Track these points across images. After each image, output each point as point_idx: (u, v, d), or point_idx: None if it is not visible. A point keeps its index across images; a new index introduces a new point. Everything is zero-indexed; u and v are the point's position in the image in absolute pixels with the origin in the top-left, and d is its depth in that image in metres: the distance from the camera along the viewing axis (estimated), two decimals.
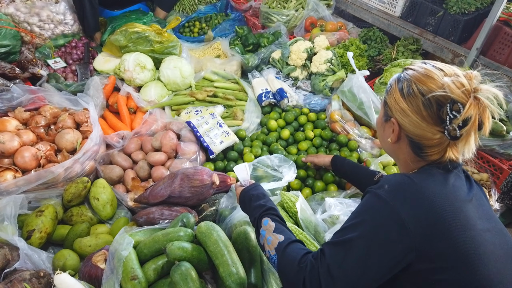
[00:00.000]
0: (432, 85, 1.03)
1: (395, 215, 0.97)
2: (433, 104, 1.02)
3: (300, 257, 1.09)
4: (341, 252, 1.01)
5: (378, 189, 1.04)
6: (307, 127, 2.55)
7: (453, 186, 1.04)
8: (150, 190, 1.89)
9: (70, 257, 1.67)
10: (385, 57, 2.90)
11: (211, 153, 2.22)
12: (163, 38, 2.73)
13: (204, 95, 2.60)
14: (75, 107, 2.28)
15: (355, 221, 1.04)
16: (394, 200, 0.99)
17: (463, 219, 0.98)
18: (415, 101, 1.05)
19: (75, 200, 1.91)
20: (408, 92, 1.07)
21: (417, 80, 1.06)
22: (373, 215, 1.01)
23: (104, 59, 2.75)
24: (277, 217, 1.30)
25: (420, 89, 1.04)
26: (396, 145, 1.17)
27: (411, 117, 1.06)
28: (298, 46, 2.88)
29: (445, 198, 1.00)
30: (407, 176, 1.05)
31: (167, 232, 1.55)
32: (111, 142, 2.23)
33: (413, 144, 1.11)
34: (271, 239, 1.21)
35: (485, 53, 2.61)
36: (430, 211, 0.97)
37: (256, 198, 1.39)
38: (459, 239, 0.97)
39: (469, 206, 1.02)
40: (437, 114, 1.02)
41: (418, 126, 1.06)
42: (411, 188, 1.01)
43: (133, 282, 1.39)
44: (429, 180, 1.04)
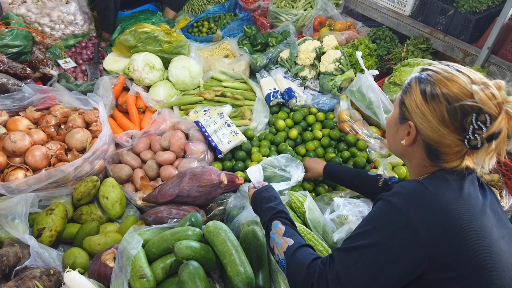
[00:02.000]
0: (458, 91, 0.98)
1: (408, 224, 0.95)
2: (458, 112, 0.98)
3: (309, 262, 1.08)
4: (351, 259, 0.99)
5: (391, 196, 1.01)
6: (315, 127, 2.54)
7: (468, 194, 1.00)
8: (158, 189, 1.89)
9: (79, 255, 1.69)
10: (394, 56, 2.87)
11: (219, 152, 2.22)
12: (172, 38, 2.74)
13: (213, 95, 2.60)
14: (85, 106, 2.30)
15: (366, 228, 1.01)
16: (408, 208, 0.96)
17: (479, 228, 0.96)
18: (438, 106, 1.01)
19: (84, 199, 1.93)
20: (431, 95, 1.02)
21: (442, 83, 1.01)
22: (386, 223, 0.98)
23: (113, 59, 2.77)
24: (288, 220, 1.29)
25: (445, 94, 1.00)
26: (409, 148, 1.13)
27: (432, 122, 1.02)
28: (307, 45, 2.87)
29: (460, 207, 0.97)
30: (421, 184, 1.01)
31: (176, 231, 1.56)
32: (120, 141, 2.24)
33: (429, 150, 1.07)
34: (281, 242, 1.21)
35: (497, 52, 2.57)
36: (445, 220, 0.95)
37: (267, 200, 1.39)
38: (475, 249, 0.94)
39: (484, 214, 0.99)
40: (460, 122, 0.98)
41: (437, 132, 1.02)
42: (426, 196, 0.98)
43: (142, 280, 1.39)
44: (444, 187, 1.01)
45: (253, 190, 1.50)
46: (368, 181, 1.71)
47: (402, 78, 2.57)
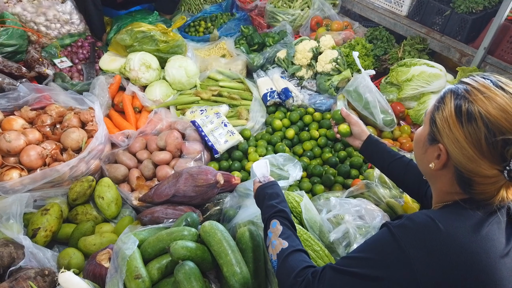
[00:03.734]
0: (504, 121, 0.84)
1: (407, 264, 0.87)
2: (499, 142, 0.84)
3: (298, 270, 1.06)
4: (341, 282, 0.96)
5: (397, 228, 0.92)
6: (312, 126, 2.54)
7: (487, 237, 0.87)
8: (154, 189, 1.89)
9: (74, 256, 1.68)
10: (391, 56, 2.87)
11: (215, 152, 2.22)
12: (169, 38, 2.73)
13: (209, 95, 2.60)
14: (80, 106, 2.29)
15: (364, 255, 0.96)
16: (411, 248, 0.88)
17: (491, 279, 0.84)
18: (475, 132, 0.87)
19: (80, 199, 1.92)
20: (468, 119, 0.88)
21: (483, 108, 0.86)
22: (384, 258, 0.91)
23: (109, 58, 2.76)
24: (287, 221, 1.27)
25: (485, 120, 0.85)
26: (438, 173, 1.00)
27: (466, 149, 0.89)
28: (304, 45, 2.87)
29: (473, 255, 0.85)
30: (432, 220, 0.89)
31: (171, 231, 1.55)
32: (116, 141, 2.23)
33: (461, 178, 0.94)
34: (276, 243, 1.19)
35: (493, 52, 2.57)
36: (451, 268, 0.85)
37: (270, 197, 1.36)
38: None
39: (503, 261, 0.86)
40: (500, 152, 0.85)
41: (472, 160, 0.89)
42: (434, 237, 0.87)
43: (137, 281, 1.38)
44: (459, 227, 0.88)
45: (258, 185, 1.47)
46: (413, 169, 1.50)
47: (398, 78, 2.57)
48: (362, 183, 1.95)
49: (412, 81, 2.52)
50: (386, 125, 2.43)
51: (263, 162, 1.60)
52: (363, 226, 1.67)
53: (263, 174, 1.56)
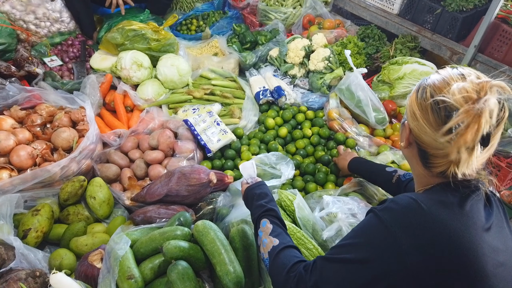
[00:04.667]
0: (445, 90, 0.95)
1: (393, 242, 0.91)
2: (441, 110, 0.93)
3: (290, 266, 1.07)
4: (333, 270, 0.98)
5: (382, 211, 0.97)
6: (305, 125, 2.54)
7: (468, 215, 0.93)
8: (147, 189, 1.88)
9: (66, 257, 1.66)
10: (383, 54, 2.89)
11: (208, 151, 2.21)
12: (160, 36, 2.71)
13: (202, 93, 2.59)
14: (71, 105, 2.26)
15: (352, 241, 0.99)
16: (395, 227, 0.92)
17: (473, 254, 0.88)
18: (425, 105, 0.98)
19: (71, 199, 1.90)
20: (421, 95, 1.00)
21: (434, 84, 0.98)
22: (372, 240, 0.95)
23: (100, 57, 2.74)
24: (277, 219, 1.28)
25: (432, 93, 0.97)
26: (408, 151, 1.10)
27: (420, 122, 0.99)
28: (296, 44, 2.87)
29: (455, 230, 0.90)
30: (415, 201, 0.95)
31: (164, 231, 1.54)
32: (107, 140, 2.21)
33: (420, 152, 1.03)
34: (266, 241, 1.20)
35: (483, 50, 2.60)
36: (435, 244, 0.89)
37: (259, 197, 1.38)
38: (465, 275, 0.88)
39: (484, 238, 0.91)
40: (444, 122, 0.93)
41: (425, 132, 0.98)
42: (418, 216, 0.92)
43: (130, 281, 1.38)
44: (441, 206, 0.94)
45: (246, 186, 1.49)
46: (384, 177, 1.68)
47: (390, 76, 2.58)
48: (355, 181, 1.96)
49: (404, 79, 2.53)
50: (378, 123, 2.44)
51: (249, 163, 1.61)
52: (356, 223, 1.67)
53: (250, 175, 1.56)
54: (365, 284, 0.93)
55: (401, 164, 2.13)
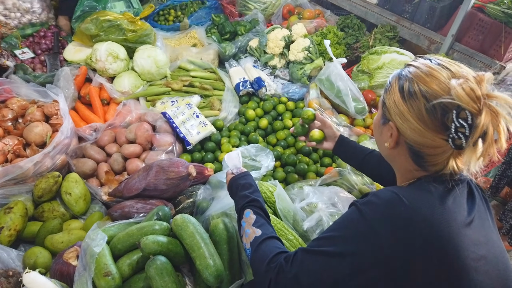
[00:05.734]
0: (437, 87, 0.91)
1: (373, 238, 0.90)
2: (437, 110, 0.90)
3: (271, 257, 1.06)
4: (313, 262, 0.97)
5: (364, 205, 0.95)
6: (285, 116, 2.52)
7: (450, 209, 0.91)
8: (124, 183, 1.83)
9: (41, 255, 1.62)
10: (362, 44, 2.89)
11: (187, 144, 2.17)
12: (136, 27, 2.64)
13: (180, 85, 2.54)
14: (44, 99, 2.19)
15: (334, 234, 0.97)
16: (376, 222, 0.91)
17: (454, 249, 0.87)
18: (416, 104, 0.93)
19: (46, 196, 1.84)
20: (409, 93, 0.95)
21: (420, 80, 0.94)
22: (352, 234, 0.94)
23: (74, 48, 2.65)
24: (261, 210, 1.27)
25: (422, 90, 0.92)
26: (394, 150, 1.06)
27: (411, 122, 0.95)
28: (276, 34, 2.85)
29: (436, 226, 0.88)
30: (397, 195, 0.93)
31: (142, 226, 1.51)
32: (83, 134, 2.15)
33: (413, 152, 0.99)
34: (249, 232, 1.19)
35: (460, 39, 2.62)
36: (416, 239, 0.88)
37: (243, 188, 1.37)
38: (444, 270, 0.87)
39: (465, 232, 0.90)
40: (441, 121, 0.90)
41: (419, 133, 0.94)
42: (399, 210, 0.90)
43: (107, 278, 1.34)
44: (422, 200, 0.92)
45: (231, 176, 1.47)
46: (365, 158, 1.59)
47: (370, 66, 2.58)
48: (335, 171, 1.96)
49: (383, 68, 2.54)
50: (358, 113, 2.45)
51: (235, 153, 1.60)
52: (336, 213, 1.68)
53: (235, 165, 1.56)
54: (344, 277, 0.93)
55: None
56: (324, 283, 0.94)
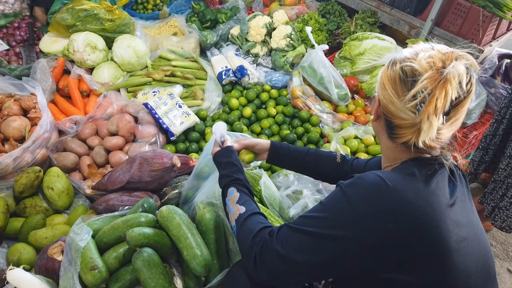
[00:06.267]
0: (412, 58, 0.95)
1: (357, 221, 0.91)
2: (408, 80, 0.93)
3: (256, 232, 1.08)
4: (297, 240, 0.98)
5: (348, 186, 0.96)
6: (269, 104, 2.52)
7: (433, 192, 0.93)
8: (108, 176, 1.81)
9: (25, 251, 1.59)
10: (344, 31, 2.89)
11: (171, 135, 2.15)
12: (114, 16, 2.58)
13: (162, 75, 2.50)
14: (21, 92, 2.13)
15: (318, 215, 0.98)
16: (360, 203, 0.92)
17: (437, 231, 0.89)
18: (393, 73, 0.98)
19: (27, 191, 1.81)
20: (392, 64, 1.00)
21: (405, 56, 0.98)
22: (336, 215, 0.95)
23: (50, 39, 2.57)
24: (244, 187, 1.29)
25: (401, 63, 0.97)
26: (377, 124, 1.10)
27: (387, 91, 0.98)
28: (257, 21, 2.82)
29: (419, 209, 0.90)
30: (381, 178, 0.94)
31: (127, 218, 1.50)
32: (63, 128, 2.11)
33: (387, 123, 1.03)
34: (233, 209, 1.21)
35: (440, 24, 2.65)
36: (399, 222, 0.89)
37: (225, 167, 1.36)
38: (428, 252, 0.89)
39: (448, 214, 0.92)
40: (410, 89, 0.93)
41: (391, 102, 0.97)
42: (383, 193, 0.91)
43: (93, 272, 1.33)
44: (407, 184, 0.93)
45: (215, 150, 1.46)
46: (325, 157, 1.53)
47: (351, 52, 2.59)
48: None
49: (365, 54, 2.55)
50: (341, 100, 2.46)
51: (222, 124, 1.54)
52: (321, 199, 1.69)
53: (222, 134, 1.51)
54: (328, 259, 0.94)
55: (364, 138, 2.16)
56: (307, 262, 0.97)
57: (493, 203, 1.88)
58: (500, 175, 1.83)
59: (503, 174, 1.81)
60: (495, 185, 1.86)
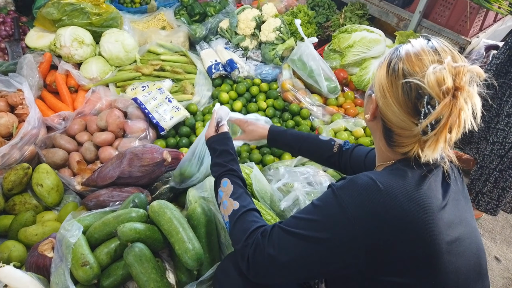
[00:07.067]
0: (418, 69, 0.90)
1: (348, 224, 0.90)
2: (412, 92, 0.90)
3: (249, 232, 1.07)
4: (288, 242, 0.98)
5: (340, 189, 0.95)
6: (259, 97, 2.52)
7: (425, 194, 0.92)
8: (98, 172, 1.80)
9: (15, 248, 1.58)
10: (333, 23, 2.89)
11: (161, 129, 2.15)
12: (101, 10, 2.54)
13: (151, 69, 2.48)
14: (7, 88, 2.10)
15: (310, 217, 0.98)
16: (352, 208, 0.91)
17: (428, 234, 0.89)
18: (395, 82, 0.93)
19: (16, 188, 1.79)
20: (392, 69, 0.95)
21: (407, 59, 0.93)
22: (328, 220, 0.94)
23: (37, 34, 2.53)
24: (238, 178, 1.27)
25: (404, 69, 0.92)
26: (372, 123, 1.07)
27: (388, 99, 0.95)
28: (246, 14, 2.81)
29: (410, 212, 0.89)
30: (373, 181, 0.93)
31: (118, 214, 1.50)
32: (51, 124, 2.08)
33: (385, 129, 1.00)
34: (227, 204, 1.19)
35: (428, 16, 2.67)
36: (390, 226, 0.89)
37: (220, 154, 1.34)
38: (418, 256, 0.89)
39: (440, 216, 0.91)
40: (414, 104, 0.90)
41: (392, 111, 0.95)
42: (374, 197, 0.91)
43: (85, 268, 1.33)
44: (398, 186, 0.92)
45: (210, 133, 1.43)
46: (321, 146, 1.56)
47: (340, 45, 2.60)
48: None
49: (354, 47, 2.56)
50: (330, 92, 2.47)
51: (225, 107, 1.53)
52: (312, 192, 1.70)
53: (222, 117, 1.48)
54: (319, 262, 0.95)
55: (354, 131, 2.18)
56: (299, 264, 0.97)
57: (477, 188, 1.94)
58: (485, 161, 1.88)
59: (488, 160, 1.86)
60: (482, 171, 1.91)
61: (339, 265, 0.94)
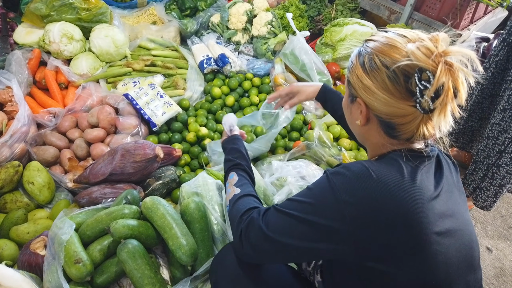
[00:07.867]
0: (396, 55, 0.91)
1: (339, 209, 0.92)
2: (400, 76, 0.90)
3: (245, 210, 1.11)
4: (279, 221, 1.01)
5: (333, 174, 0.96)
6: (252, 92, 2.51)
7: (417, 185, 0.92)
8: (90, 169, 1.79)
9: (7, 247, 1.57)
10: (325, 17, 2.89)
11: (153, 125, 2.13)
12: (91, 5, 2.51)
13: (142, 65, 2.46)
14: None
15: (304, 200, 0.99)
16: (343, 194, 0.92)
17: (418, 224, 0.89)
18: (379, 75, 0.93)
19: (7, 187, 1.77)
20: (370, 66, 0.95)
21: (379, 51, 0.94)
22: (320, 204, 0.96)
23: (25, 30, 2.49)
24: (245, 172, 1.34)
25: (383, 61, 0.93)
26: (366, 127, 1.05)
27: (378, 94, 0.94)
28: (237, 8, 2.79)
29: (401, 201, 0.90)
30: (366, 169, 0.93)
31: (111, 211, 1.49)
32: (42, 121, 2.06)
33: (384, 124, 0.99)
34: (230, 191, 1.25)
35: (419, 8, 2.68)
36: (380, 213, 0.90)
37: (229, 152, 1.43)
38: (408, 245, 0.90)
39: (431, 206, 0.92)
40: (405, 87, 0.90)
41: (386, 103, 0.94)
42: (366, 184, 0.91)
43: (78, 265, 1.32)
44: (391, 175, 0.93)
45: (223, 138, 1.54)
46: None
47: (332, 39, 2.60)
48: (303, 144, 1.99)
49: (346, 40, 2.56)
50: None
51: (232, 115, 1.62)
52: (305, 185, 1.71)
53: (231, 124, 1.58)
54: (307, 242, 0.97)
55: None
56: (287, 242, 0.99)
57: (474, 184, 1.93)
58: (479, 156, 1.87)
59: (482, 155, 1.86)
60: (475, 166, 1.91)
61: (327, 249, 0.95)
